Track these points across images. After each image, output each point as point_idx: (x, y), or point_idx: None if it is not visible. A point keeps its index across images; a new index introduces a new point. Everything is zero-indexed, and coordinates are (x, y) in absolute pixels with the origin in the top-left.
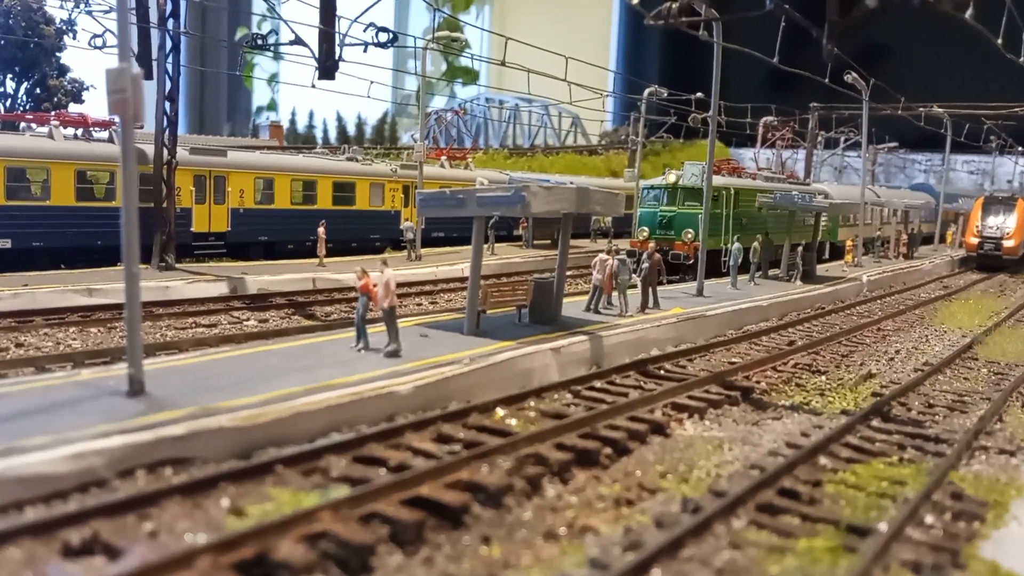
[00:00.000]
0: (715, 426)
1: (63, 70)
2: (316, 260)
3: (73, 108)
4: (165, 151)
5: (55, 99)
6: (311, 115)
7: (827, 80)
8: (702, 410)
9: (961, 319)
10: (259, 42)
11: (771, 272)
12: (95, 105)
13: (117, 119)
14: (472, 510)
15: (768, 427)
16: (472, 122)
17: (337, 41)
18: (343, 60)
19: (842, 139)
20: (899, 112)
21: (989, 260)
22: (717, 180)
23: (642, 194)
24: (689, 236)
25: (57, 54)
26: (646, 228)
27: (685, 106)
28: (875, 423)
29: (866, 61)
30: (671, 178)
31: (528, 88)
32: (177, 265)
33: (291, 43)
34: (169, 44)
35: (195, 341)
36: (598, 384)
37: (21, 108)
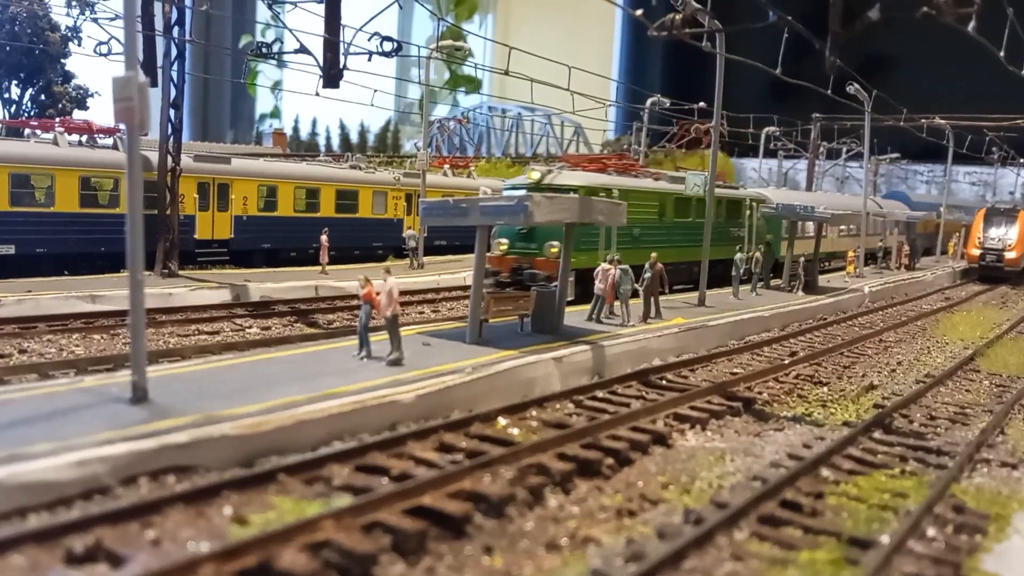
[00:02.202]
0: (717, 437)
1: (68, 77)
2: (319, 268)
3: (78, 115)
4: (169, 158)
5: (60, 106)
6: (314, 122)
7: (829, 91)
8: (704, 421)
9: (963, 331)
10: (263, 50)
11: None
12: (100, 112)
13: (122, 126)
14: (474, 520)
15: (770, 438)
16: (475, 131)
17: (341, 50)
18: (347, 69)
19: (844, 150)
20: (901, 123)
21: (991, 272)
22: (597, 178)
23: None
24: (554, 251)
25: (62, 61)
26: (505, 240)
27: (687, 116)
28: (877, 435)
29: (868, 72)
30: (534, 175)
31: (531, 97)
32: (180, 272)
33: (296, 51)
34: (174, 52)
35: (198, 348)
36: (600, 394)
37: (26, 114)
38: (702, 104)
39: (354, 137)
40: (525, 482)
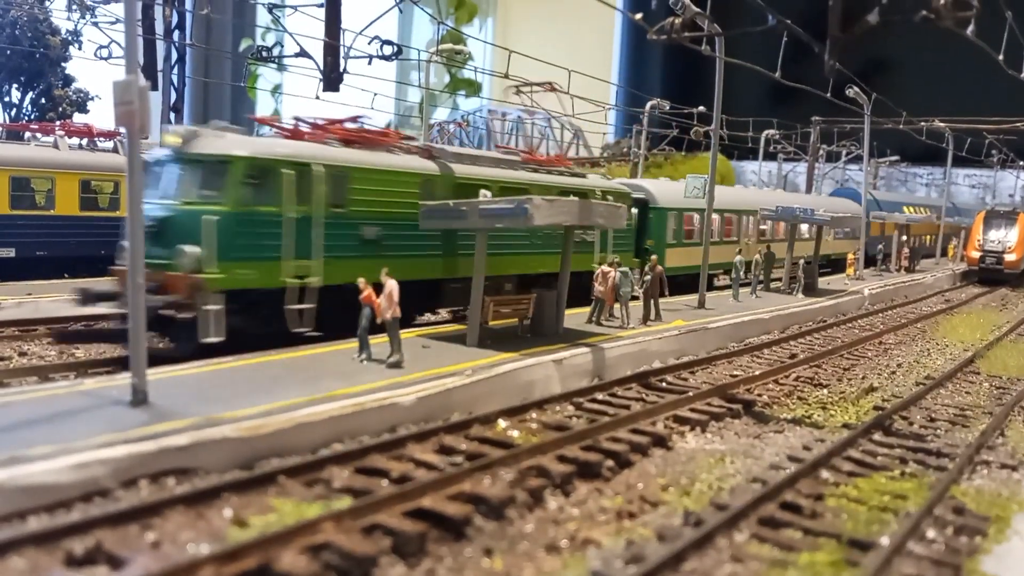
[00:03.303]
0: (717, 439)
1: (68, 80)
2: None
3: (78, 118)
4: None
5: (60, 109)
6: None
7: (829, 94)
8: (704, 423)
9: (963, 333)
10: (264, 54)
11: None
12: (100, 115)
13: (123, 130)
14: (474, 522)
15: (770, 440)
16: (474, 134)
17: (342, 53)
18: (347, 72)
19: (844, 152)
20: (900, 126)
21: (990, 274)
22: (277, 147)
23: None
24: (187, 260)
25: (63, 64)
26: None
27: (687, 119)
28: (877, 437)
29: (868, 75)
30: (172, 139)
31: (530, 100)
32: None
33: (296, 55)
34: (175, 56)
35: None
36: (600, 396)
37: (26, 118)
38: (702, 108)
39: None
40: (525, 484)
